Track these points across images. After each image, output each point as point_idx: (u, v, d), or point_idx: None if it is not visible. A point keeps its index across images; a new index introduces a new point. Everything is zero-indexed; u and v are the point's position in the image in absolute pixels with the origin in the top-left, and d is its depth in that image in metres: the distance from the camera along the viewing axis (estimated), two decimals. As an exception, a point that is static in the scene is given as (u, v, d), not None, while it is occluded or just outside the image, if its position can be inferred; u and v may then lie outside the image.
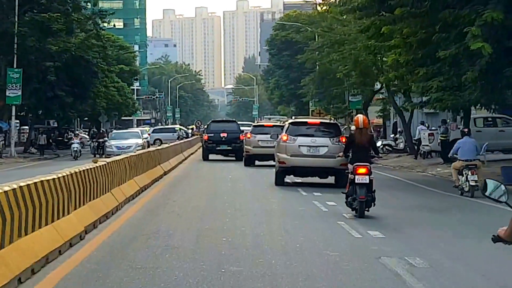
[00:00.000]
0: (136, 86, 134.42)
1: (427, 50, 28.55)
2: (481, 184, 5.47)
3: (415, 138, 47.41)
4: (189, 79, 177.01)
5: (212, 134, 45.65)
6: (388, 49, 33.08)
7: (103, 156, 47.03)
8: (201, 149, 50.33)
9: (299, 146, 24.85)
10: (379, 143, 50.78)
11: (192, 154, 55.64)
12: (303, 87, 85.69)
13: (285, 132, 25.52)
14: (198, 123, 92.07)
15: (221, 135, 45.24)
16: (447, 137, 38.91)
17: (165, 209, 18.42)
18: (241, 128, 47.85)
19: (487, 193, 5.31)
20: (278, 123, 43.31)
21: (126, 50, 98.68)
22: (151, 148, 31.30)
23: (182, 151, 48.11)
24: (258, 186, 26.53)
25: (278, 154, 25.58)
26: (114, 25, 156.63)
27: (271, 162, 31.64)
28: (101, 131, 62.72)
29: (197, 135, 73.95)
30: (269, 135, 35.42)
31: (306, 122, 26.31)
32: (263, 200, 20.98)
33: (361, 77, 48.87)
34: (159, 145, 66.90)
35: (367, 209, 16.62)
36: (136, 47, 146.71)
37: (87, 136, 79.85)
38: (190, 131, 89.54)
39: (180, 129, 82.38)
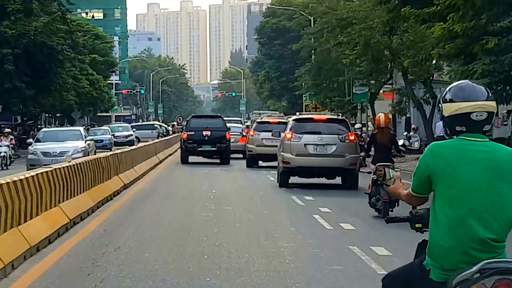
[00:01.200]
0: (115, 80, 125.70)
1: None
2: None
3: (436, 136, 39.54)
4: (173, 73, 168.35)
5: (193, 132, 38.50)
6: (418, 20, 25.04)
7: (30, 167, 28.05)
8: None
9: (305, 144, 23.51)
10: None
11: (170, 155, 47.49)
12: (297, 79, 77.78)
13: (289, 130, 23.97)
14: (179, 119, 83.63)
15: (204, 133, 38.30)
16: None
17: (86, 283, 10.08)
18: (228, 125, 41.21)
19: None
20: (284, 120, 36.85)
21: (102, 40, 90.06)
22: (105, 154, 22.66)
23: (157, 153, 40.06)
24: (253, 208, 18.57)
25: (282, 153, 24.09)
26: (93, 16, 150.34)
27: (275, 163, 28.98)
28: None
29: (178, 132, 65.79)
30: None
31: (312, 118, 24.85)
32: (265, 243, 12.83)
33: (373, 63, 40.62)
34: (137, 143, 60.67)
35: (391, 209, 16.18)
36: (116, 39, 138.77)
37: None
38: (171, 128, 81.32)
39: (160, 126, 74.14)
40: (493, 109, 4.67)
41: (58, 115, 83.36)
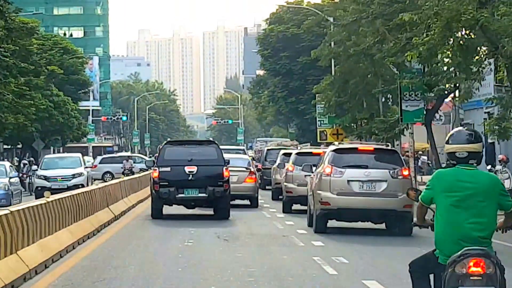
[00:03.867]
0: (94, 106, 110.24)
1: None
2: None
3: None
4: (162, 100, 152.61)
5: (168, 169, 24.64)
6: None
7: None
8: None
9: (349, 181, 20.25)
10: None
11: (140, 201, 31.90)
12: (308, 100, 62.44)
13: (328, 163, 20.58)
14: (160, 148, 67.34)
15: (186, 169, 24.50)
16: None
17: None
18: (226, 156, 27.10)
19: None
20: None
21: (72, 54, 74.54)
22: None
23: (114, 201, 24.78)
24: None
25: (318, 192, 20.54)
26: (71, 34, 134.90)
27: None
28: None
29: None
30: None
31: (356, 148, 21.64)
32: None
33: (460, 54, 24.93)
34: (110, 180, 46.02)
35: None
36: (96, 60, 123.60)
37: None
38: (154, 159, 65.32)
39: (129, 157, 58.42)
40: (473, 150, 7.25)
41: (19, 146, 67.91)
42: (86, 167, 43.75)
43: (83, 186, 36.35)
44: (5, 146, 68.81)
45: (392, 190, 20.23)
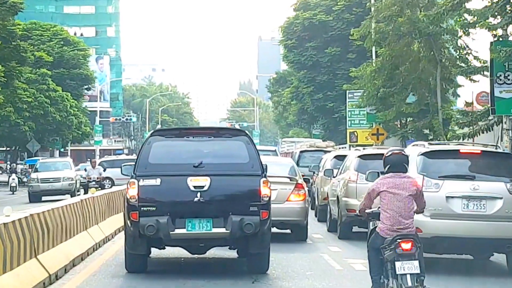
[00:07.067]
0: (104, 107, 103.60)
1: None
2: None
3: None
4: (176, 102, 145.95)
5: (157, 181, 13.71)
6: None
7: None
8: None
9: (448, 197, 14.83)
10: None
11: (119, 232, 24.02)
12: (337, 97, 55.52)
13: (417, 172, 14.86)
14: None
15: (190, 182, 13.63)
16: None
17: None
18: (263, 158, 15.10)
19: None
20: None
21: (74, 47, 67.49)
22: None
23: (76, 232, 16.85)
24: None
25: None
26: (82, 34, 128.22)
27: None
28: None
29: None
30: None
31: (457, 151, 15.56)
32: None
33: None
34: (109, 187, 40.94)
35: None
36: (107, 59, 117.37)
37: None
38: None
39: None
40: None
41: (8, 148, 60.96)
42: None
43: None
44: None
45: (510, 210, 15.08)
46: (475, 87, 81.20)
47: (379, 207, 10.52)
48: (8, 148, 62.30)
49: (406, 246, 10.20)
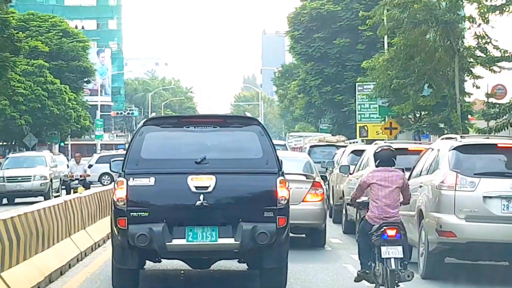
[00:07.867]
0: (106, 101, 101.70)
1: None
2: None
3: None
4: (179, 96, 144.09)
5: (150, 181, 11.28)
6: None
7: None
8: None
9: (485, 197, 13.31)
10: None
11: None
12: (346, 89, 53.55)
13: (450, 168, 13.65)
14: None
15: (191, 182, 11.25)
16: None
17: None
18: (279, 152, 12.89)
19: None
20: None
21: (73, 38, 65.38)
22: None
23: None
24: None
25: (433, 214, 13.61)
26: (83, 27, 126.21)
27: None
28: None
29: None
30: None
31: (495, 145, 13.99)
32: None
33: None
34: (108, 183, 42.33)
35: None
36: (108, 52, 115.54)
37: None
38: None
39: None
40: None
41: (5, 143, 58.93)
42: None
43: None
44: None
45: None
46: (491, 79, 79.34)
47: (368, 197, 11.59)
48: (4, 143, 60.25)
49: (391, 232, 11.25)
